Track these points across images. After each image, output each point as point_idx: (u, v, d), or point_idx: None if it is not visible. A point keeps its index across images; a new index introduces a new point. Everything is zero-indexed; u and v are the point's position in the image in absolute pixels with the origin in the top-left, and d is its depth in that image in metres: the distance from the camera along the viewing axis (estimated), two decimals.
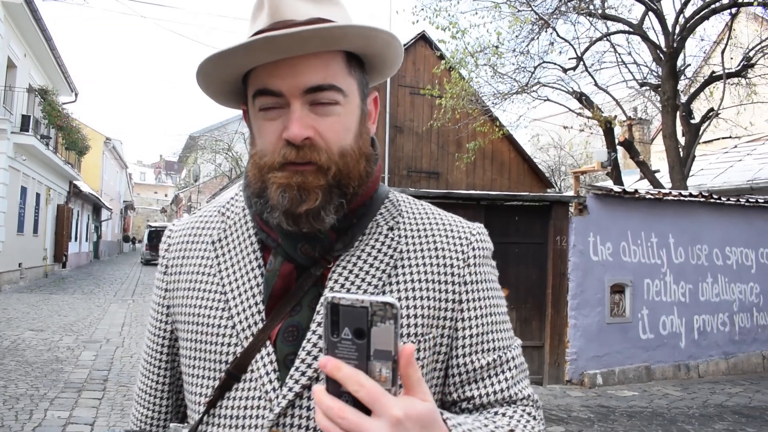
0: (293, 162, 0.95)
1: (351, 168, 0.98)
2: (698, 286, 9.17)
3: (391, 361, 0.69)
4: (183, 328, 1.07)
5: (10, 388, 6.78)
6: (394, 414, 0.69)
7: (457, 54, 11.44)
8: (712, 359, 9.25)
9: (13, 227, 17.68)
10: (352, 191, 0.99)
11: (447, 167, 15.51)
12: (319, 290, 0.99)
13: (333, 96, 0.96)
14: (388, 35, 0.99)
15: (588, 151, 19.99)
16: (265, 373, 0.96)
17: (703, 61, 14.09)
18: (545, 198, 8.78)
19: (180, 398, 1.17)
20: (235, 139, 33.46)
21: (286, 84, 0.94)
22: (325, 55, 0.96)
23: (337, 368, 0.68)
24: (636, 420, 6.73)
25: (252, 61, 0.96)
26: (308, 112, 0.95)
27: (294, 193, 0.94)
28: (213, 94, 1.08)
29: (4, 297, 15.14)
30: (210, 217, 1.14)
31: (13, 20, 17.34)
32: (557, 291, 8.20)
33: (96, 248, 37.45)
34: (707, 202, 9.16)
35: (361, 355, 0.69)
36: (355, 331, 0.69)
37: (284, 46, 0.92)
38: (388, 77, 1.13)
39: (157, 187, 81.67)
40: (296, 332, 0.98)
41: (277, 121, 0.96)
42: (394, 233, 1.05)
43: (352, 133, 0.99)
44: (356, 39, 0.97)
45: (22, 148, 17.58)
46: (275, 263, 1.01)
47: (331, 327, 0.69)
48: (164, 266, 1.14)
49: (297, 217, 0.95)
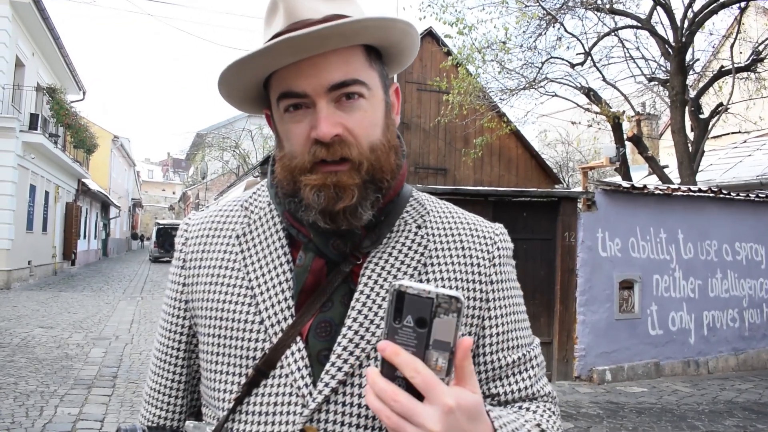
0: (324, 161, 0.95)
1: (383, 162, 0.98)
2: (708, 281, 9.12)
3: (449, 352, 0.72)
4: (204, 323, 1.05)
5: (21, 385, 6.82)
6: (447, 402, 0.71)
7: (465, 50, 11.41)
8: (721, 355, 9.21)
9: (22, 225, 17.78)
10: (386, 185, 0.99)
11: (454, 163, 15.48)
12: (350, 286, 1.00)
13: (357, 90, 0.96)
14: (404, 24, 0.99)
15: (596, 147, 19.91)
16: (297, 369, 0.96)
17: (711, 55, 14.00)
18: (553, 194, 8.75)
19: (194, 398, 1.15)
20: (242, 137, 33.50)
21: (310, 84, 0.94)
22: (345, 50, 0.96)
23: (396, 353, 0.71)
24: (645, 416, 6.71)
25: (273, 64, 0.96)
26: (335, 109, 0.95)
27: (330, 192, 0.94)
28: (236, 102, 1.08)
29: (14, 294, 15.23)
30: (231, 212, 1.12)
31: (21, 19, 17.42)
32: (566, 287, 8.18)
33: (105, 246, 37.62)
34: (716, 197, 9.12)
35: (420, 343, 0.71)
36: (417, 320, 0.71)
37: (305, 46, 0.92)
38: (405, 66, 1.13)
39: (165, 184, 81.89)
40: (329, 328, 0.98)
41: (304, 122, 0.96)
42: (422, 231, 1.06)
43: (379, 126, 0.99)
44: (375, 31, 0.97)
45: (30, 147, 17.67)
46: (306, 259, 1.00)
47: (394, 313, 0.71)
48: (181, 260, 1.11)
49: (334, 215, 0.95)
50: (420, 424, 0.71)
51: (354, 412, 0.95)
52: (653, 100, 16.58)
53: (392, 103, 1.06)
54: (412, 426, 0.71)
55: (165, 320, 1.14)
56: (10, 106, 17.07)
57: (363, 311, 0.97)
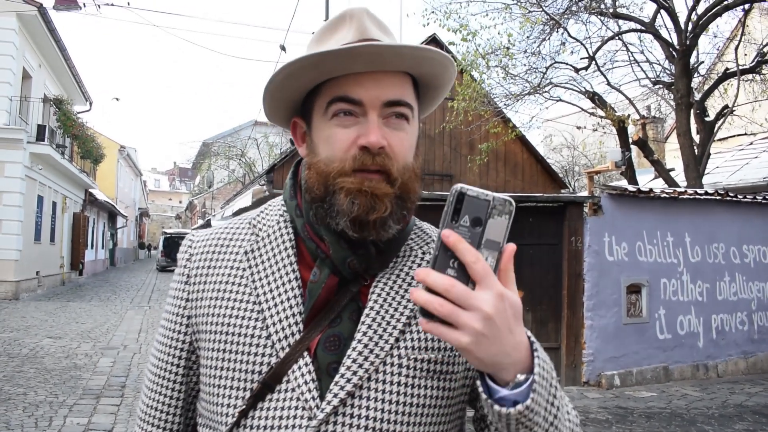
0: (366, 169, 0.97)
1: (411, 184, 1.02)
2: (716, 285, 9.08)
3: (498, 252, 0.78)
4: (209, 338, 1.04)
5: (30, 395, 6.84)
6: (500, 289, 0.78)
7: (469, 56, 11.42)
8: (731, 359, 9.16)
9: (30, 236, 17.86)
10: (410, 206, 1.03)
11: (460, 169, 15.48)
12: (358, 304, 1.02)
13: (406, 112, 1.01)
14: (453, 68, 1.07)
15: (602, 151, 19.90)
16: (304, 382, 0.97)
17: (716, 57, 13.98)
18: (559, 199, 8.74)
19: (190, 417, 1.14)
20: (248, 145, 33.59)
21: (369, 94, 0.98)
22: (402, 75, 1.02)
23: (459, 240, 0.77)
24: (655, 421, 6.68)
25: (347, 68, 0.99)
26: (382, 124, 0.99)
27: (365, 200, 0.96)
28: (275, 100, 1.09)
29: (23, 305, 15.29)
30: (238, 229, 1.13)
31: (27, 32, 17.55)
32: (573, 292, 8.16)
33: (112, 255, 37.74)
34: (723, 200, 9.09)
35: (473, 241, 0.78)
36: (473, 220, 0.78)
37: (381, 59, 0.97)
38: (429, 111, 1.19)
39: (171, 193, 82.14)
40: (338, 342, 0.99)
41: (351, 129, 0.99)
42: (427, 257, 1.09)
43: (412, 152, 1.04)
44: (433, 65, 1.04)
45: (38, 158, 17.77)
46: (320, 275, 1.02)
47: (452, 213, 0.78)
48: (185, 275, 1.11)
49: (365, 225, 0.97)
50: (475, 307, 0.76)
51: (362, 425, 0.95)
52: (658, 104, 16.55)
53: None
54: (465, 311, 0.76)
55: (164, 335, 1.13)
56: (17, 117, 17.19)
57: (372, 326, 0.99)
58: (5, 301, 15.71)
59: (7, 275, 16.29)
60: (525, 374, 0.82)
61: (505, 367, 0.81)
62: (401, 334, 1.00)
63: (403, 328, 1.00)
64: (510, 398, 0.81)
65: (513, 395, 0.81)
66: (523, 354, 0.82)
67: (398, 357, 0.99)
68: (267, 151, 32.77)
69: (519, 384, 0.81)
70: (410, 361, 0.99)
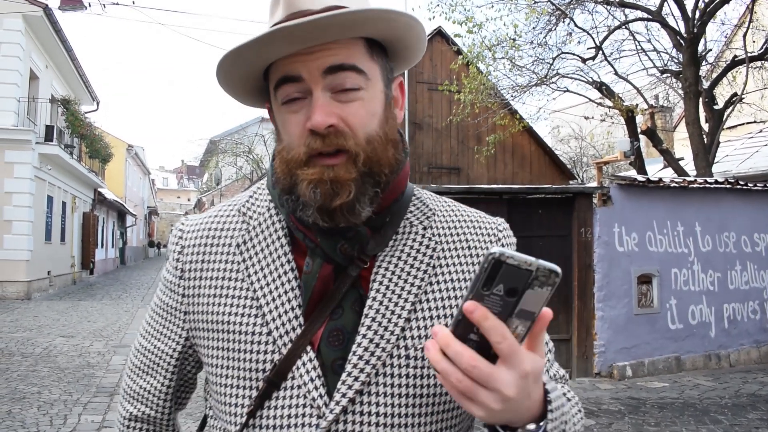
0: (320, 153, 0.93)
1: (380, 154, 0.96)
2: (727, 274, 9.04)
3: (530, 322, 0.71)
4: (209, 336, 1.02)
5: (44, 394, 6.89)
6: (525, 368, 0.72)
7: (475, 48, 11.39)
8: (743, 348, 9.12)
9: (40, 236, 17.96)
10: (385, 179, 0.97)
11: (467, 162, 15.45)
12: (359, 291, 0.98)
13: (354, 79, 0.94)
14: (408, 18, 0.97)
15: (610, 141, 19.79)
16: (309, 379, 0.94)
17: (724, 45, 13.88)
18: (568, 190, 8.71)
19: (178, 398, 1.15)
20: (255, 142, 33.62)
21: (306, 67, 0.93)
22: (345, 41, 0.95)
23: (485, 317, 0.69)
24: (667, 411, 6.66)
25: (271, 55, 0.95)
26: (330, 100, 0.94)
27: (327, 188, 0.92)
28: (235, 93, 1.07)
29: (35, 305, 15.39)
30: (228, 218, 1.08)
31: (33, 33, 17.60)
32: (583, 283, 8.14)
33: (122, 254, 37.91)
34: (733, 188, 9.04)
35: (505, 311, 0.70)
36: (508, 290, 0.69)
37: (302, 36, 0.91)
38: (413, 63, 1.10)
39: (179, 191, 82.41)
40: (341, 336, 0.96)
41: (300, 113, 0.95)
42: (429, 233, 1.04)
43: (377, 118, 0.97)
44: (376, 24, 0.96)
45: (47, 158, 17.84)
46: (313, 265, 0.98)
47: (485, 280, 0.69)
48: (179, 270, 1.08)
49: (332, 212, 0.93)
50: (497, 390, 0.71)
51: (373, 421, 0.93)
52: (666, 93, 16.45)
53: (395, 98, 1.04)
54: (485, 390, 0.71)
55: (159, 323, 1.12)
56: (25, 118, 17.26)
57: (377, 318, 0.96)
58: (17, 301, 15.82)
59: (19, 275, 16.40)
60: (535, 424, 0.79)
61: (516, 422, 0.77)
62: (406, 322, 0.96)
63: (408, 315, 0.97)
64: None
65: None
66: (536, 408, 0.78)
67: (405, 348, 0.96)
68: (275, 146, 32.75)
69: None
70: (417, 351, 0.96)
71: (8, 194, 16.33)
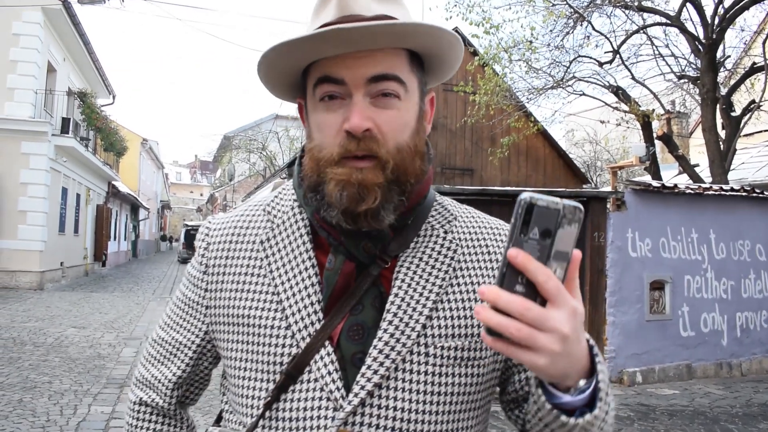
0: (353, 155, 0.95)
1: (407, 164, 0.98)
2: (740, 282, 8.96)
3: (566, 262, 0.74)
4: (229, 330, 1.05)
5: (55, 384, 6.94)
6: (574, 305, 0.74)
7: (491, 50, 11.37)
8: (755, 357, 9.04)
9: (54, 227, 18.10)
10: (409, 188, 0.99)
11: (481, 164, 15.40)
12: (380, 289, 1.00)
13: (395, 88, 0.97)
14: (452, 36, 1.00)
15: (625, 146, 19.69)
16: (327, 372, 0.96)
17: (743, 51, 13.74)
18: (582, 194, 8.67)
19: (186, 390, 1.16)
20: (269, 138, 33.70)
21: (351, 72, 0.95)
22: (391, 51, 0.98)
23: (528, 260, 0.71)
24: (677, 419, 6.61)
25: (319, 53, 0.97)
26: (369, 104, 0.96)
27: (353, 191, 0.94)
28: (272, 85, 1.09)
29: (47, 295, 15.51)
30: (254, 216, 1.11)
31: (52, 25, 17.74)
32: (595, 288, 8.09)
33: (134, 247, 38.13)
34: (749, 196, 8.96)
35: (543, 255, 0.72)
36: (543, 232, 0.72)
37: (354, 40, 0.93)
38: (445, 80, 1.14)
39: (192, 186, 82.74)
40: (362, 331, 0.98)
41: (338, 113, 0.96)
42: (450, 236, 1.06)
43: (409, 129, 1.00)
44: (423, 38, 0.99)
45: (62, 150, 17.99)
46: (336, 262, 1.00)
47: (521, 226, 0.72)
48: (204, 265, 1.11)
49: (356, 216, 0.95)
50: (553, 329, 0.72)
51: (390, 415, 0.95)
52: (683, 98, 16.34)
53: (426, 111, 1.07)
54: (543, 333, 0.72)
55: (179, 316, 1.14)
56: (42, 110, 17.40)
57: (398, 314, 0.98)
58: (30, 291, 15.95)
59: (32, 266, 16.54)
60: (586, 379, 0.81)
61: (571, 376, 0.79)
62: (428, 320, 0.98)
63: (429, 313, 0.99)
64: (572, 404, 0.81)
65: (576, 401, 0.81)
66: (586, 360, 0.81)
67: (425, 345, 0.97)
68: (288, 145, 32.86)
69: (581, 390, 0.81)
70: (437, 350, 0.98)
71: (24, 185, 16.48)
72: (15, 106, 16.39)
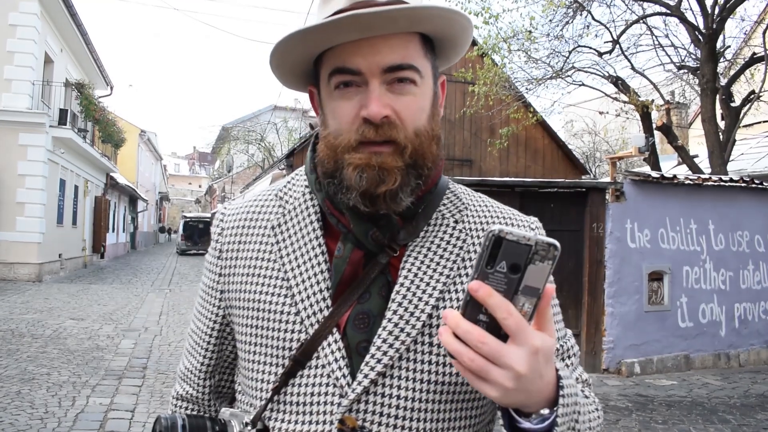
0: (372, 141, 0.95)
1: (425, 149, 0.98)
2: (739, 273, 8.97)
3: (536, 298, 0.72)
4: (241, 314, 1.06)
5: (53, 376, 6.94)
6: (535, 344, 0.73)
7: (490, 40, 11.32)
8: (753, 348, 9.06)
9: (53, 219, 18.08)
10: (426, 173, 0.99)
11: (480, 154, 15.39)
12: (387, 278, 1.00)
13: (410, 75, 0.97)
14: (466, 20, 1.00)
15: (624, 137, 19.67)
16: (334, 360, 0.96)
17: (743, 42, 13.70)
18: (581, 184, 8.66)
19: (219, 380, 1.18)
20: (267, 130, 33.68)
21: (366, 62, 0.95)
22: (405, 36, 0.97)
23: (489, 294, 0.70)
24: (675, 409, 6.63)
25: (336, 39, 0.96)
26: (385, 91, 0.96)
27: (374, 173, 0.94)
28: (283, 73, 1.08)
29: (46, 287, 15.51)
30: (266, 201, 1.13)
31: (49, 16, 17.66)
32: (594, 279, 8.09)
33: (133, 239, 38.13)
34: (748, 187, 8.95)
35: (510, 288, 0.71)
36: (511, 266, 0.70)
37: (370, 25, 0.92)
38: (453, 63, 1.13)
39: (191, 178, 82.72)
40: (367, 319, 0.98)
41: (354, 100, 0.96)
42: (460, 226, 1.06)
43: (426, 113, 1.00)
44: (438, 21, 0.98)
45: (60, 142, 17.95)
46: (344, 250, 1.01)
47: (488, 258, 0.71)
48: (218, 250, 1.12)
49: (375, 198, 0.95)
50: (507, 366, 0.72)
51: (394, 404, 0.95)
52: (683, 89, 16.30)
53: (439, 95, 1.07)
54: (497, 368, 0.72)
55: (201, 305, 1.16)
56: (39, 101, 17.35)
57: (403, 303, 0.98)
58: (29, 283, 15.95)
59: (31, 258, 16.54)
60: (549, 409, 0.81)
61: (529, 406, 0.80)
62: (434, 310, 0.98)
63: (436, 303, 0.98)
64: (532, 430, 0.81)
65: (536, 429, 0.81)
66: (549, 391, 0.80)
67: (429, 336, 0.97)
68: (286, 136, 32.83)
69: (543, 418, 0.81)
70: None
71: (21, 177, 16.45)
72: (12, 97, 16.34)
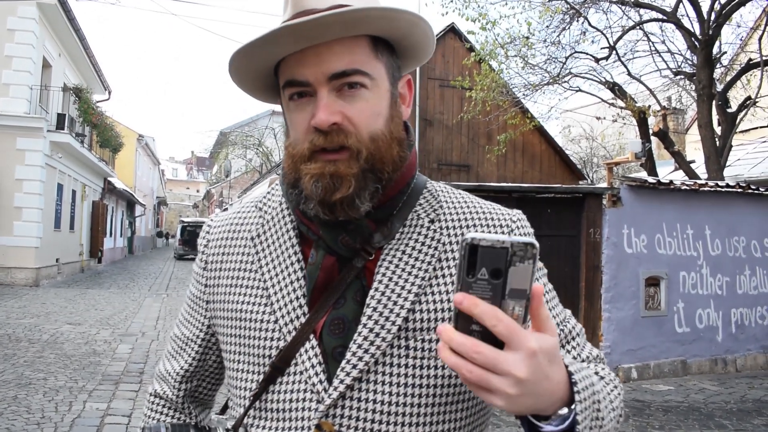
0: (324, 149, 0.96)
1: (383, 152, 0.98)
2: (736, 278, 8.98)
3: (525, 300, 0.70)
4: (225, 324, 1.08)
5: (50, 381, 6.93)
6: (531, 346, 0.70)
7: (487, 45, 11.35)
8: (750, 353, 9.07)
9: (50, 224, 18.05)
10: (387, 176, 0.99)
11: (477, 160, 15.41)
12: (362, 282, 1.00)
13: (359, 80, 0.96)
14: (412, 16, 0.98)
15: (621, 142, 19.71)
16: (311, 366, 0.97)
17: (739, 48, 13.75)
18: (578, 190, 8.67)
19: (197, 385, 1.22)
20: (265, 135, 33.70)
21: (312, 73, 0.96)
22: (349, 40, 0.97)
23: (475, 304, 0.69)
24: (672, 415, 6.63)
25: (278, 52, 0.98)
26: (335, 98, 0.96)
27: (327, 182, 0.95)
28: (248, 89, 1.10)
29: (43, 292, 15.48)
30: (247, 213, 1.15)
31: (47, 21, 17.68)
32: (590, 284, 8.10)
33: (130, 244, 38.06)
34: (744, 192, 8.97)
35: (496, 294, 0.69)
36: (492, 272, 0.69)
37: (307, 34, 0.93)
38: (423, 61, 1.13)
39: (189, 182, 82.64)
40: (342, 325, 0.98)
41: (307, 111, 0.97)
42: (435, 225, 1.05)
43: (382, 117, 0.99)
44: (379, 21, 0.97)
45: (58, 146, 17.93)
46: (317, 256, 1.02)
47: (467, 268, 0.69)
48: (204, 261, 1.15)
49: (332, 206, 0.96)
50: (506, 372, 0.70)
51: (370, 408, 0.96)
52: (679, 95, 16.35)
53: (402, 95, 1.06)
54: (497, 376, 0.70)
55: (188, 312, 1.20)
56: (37, 106, 17.34)
57: (378, 308, 0.98)
58: (26, 288, 15.92)
59: (28, 262, 16.50)
60: (567, 407, 0.79)
61: (544, 409, 0.77)
62: (409, 313, 0.98)
63: (411, 306, 0.98)
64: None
65: (559, 431, 0.78)
66: (561, 391, 0.77)
67: (405, 339, 0.97)
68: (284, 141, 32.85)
69: (563, 418, 0.78)
70: (418, 342, 0.97)
71: (19, 181, 16.43)
72: (10, 101, 16.34)
